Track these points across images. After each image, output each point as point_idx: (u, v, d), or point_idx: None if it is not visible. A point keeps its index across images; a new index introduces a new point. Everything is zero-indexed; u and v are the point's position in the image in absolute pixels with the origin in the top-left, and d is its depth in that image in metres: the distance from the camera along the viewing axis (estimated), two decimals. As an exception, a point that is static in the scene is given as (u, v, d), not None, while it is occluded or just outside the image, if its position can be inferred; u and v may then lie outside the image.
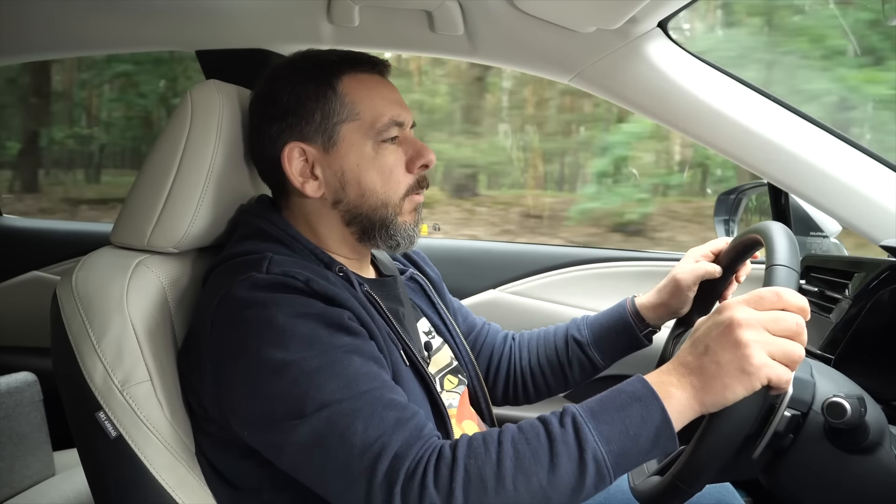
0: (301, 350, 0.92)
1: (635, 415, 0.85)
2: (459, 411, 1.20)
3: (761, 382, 0.83)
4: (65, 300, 1.06)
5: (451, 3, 1.35)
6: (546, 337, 1.42)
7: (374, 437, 0.87)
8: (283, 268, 0.99)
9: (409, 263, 1.36)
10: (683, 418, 0.86)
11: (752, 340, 0.83)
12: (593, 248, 2.02)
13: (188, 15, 1.48)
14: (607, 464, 0.84)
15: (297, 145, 1.11)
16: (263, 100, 1.14)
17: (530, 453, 0.85)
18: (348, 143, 1.11)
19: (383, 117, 1.11)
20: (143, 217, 1.11)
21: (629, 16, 1.25)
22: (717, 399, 0.85)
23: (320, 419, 0.89)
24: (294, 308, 0.95)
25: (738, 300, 0.88)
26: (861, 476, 0.93)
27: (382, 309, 1.09)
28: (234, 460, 1.04)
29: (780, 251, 0.98)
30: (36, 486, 1.64)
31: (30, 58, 1.82)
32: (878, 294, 1.19)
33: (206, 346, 0.99)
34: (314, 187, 1.12)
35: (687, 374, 0.87)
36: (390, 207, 1.12)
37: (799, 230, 1.73)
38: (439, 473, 0.84)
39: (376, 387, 0.92)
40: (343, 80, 1.11)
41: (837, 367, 1.06)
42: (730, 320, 0.85)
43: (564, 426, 0.86)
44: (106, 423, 1.01)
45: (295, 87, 1.11)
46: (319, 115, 1.10)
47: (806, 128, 1.34)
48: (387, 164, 1.12)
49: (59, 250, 2.18)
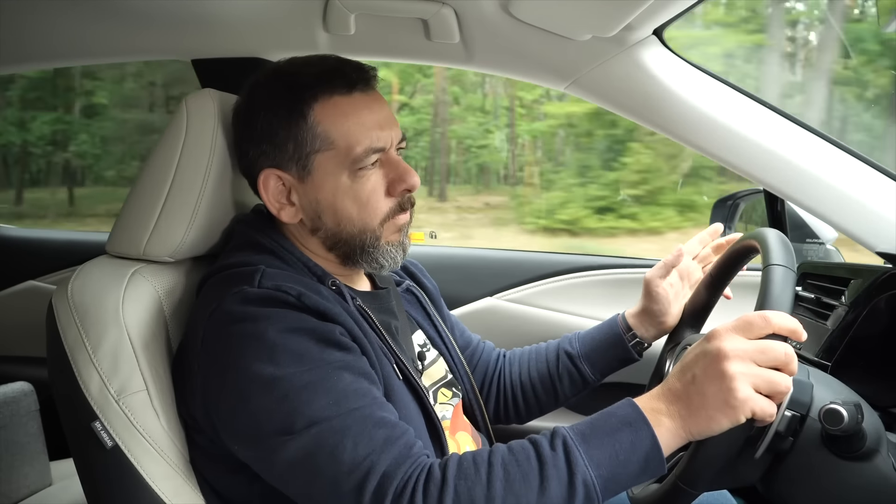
0: (291, 365, 0.91)
1: (625, 440, 0.86)
2: (453, 423, 1.20)
3: (745, 416, 0.83)
4: (60, 310, 1.06)
5: (447, 11, 1.35)
6: (538, 351, 1.42)
7: (362, 455, 0.87)
8: (274, 282, 0.99)
9: (405, 275, 1.35)
10: (672, 445, 0.87)
11: (738, 373, 0.83)
12: (591, 256, 2.01)
13: (184, 24, 1.48)
14: (596, 488, 0.84)
15: (272, 172, 1.08)
16: (242, 119, 1.12)
17: (520, 475, 0.85)
18: (323, 172, 1.07)
19: (359, 146, 1.05)
20: (139, 226, 1.11)
21: (624, 23, 1.25)
22: (703, 429, 0.85)
23: (309, 436, 0.88)
24: (285, 323, 0.94)
25: (727, 327, 0.88)
26: (858, 483, 0.93)
27: (375, 323, 1.08)
28: (224, 473, 1.04)
29: (775, 252, 0.98)
30: (32, 496, 1.63)
31: (25, 68, 1.82)
32: (874, 301, 1.19)
33: (197, 359, 0.99)
34: (290, 214, 1.10)
35: (675, 401, 0.87)
36: (369, 233, 1.09)
37: (795, 237, 1.73)
38: (428, 494, 0.84)
39: (366, 404, 0.92)
40: (315, 109, 1.06)
41: (834, 374, 1.06)
42: (717, 351, 0.85)
43: (555, 449, 0.86)
44: (102, 432, 1.00)
45: (268, 114, 1.07)
46: (292, 145, 1.06)
47: (802, 135, 1.34)
48: (363, 192, 1.07)
49: (55, 260, 2.17)
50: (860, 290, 1.25)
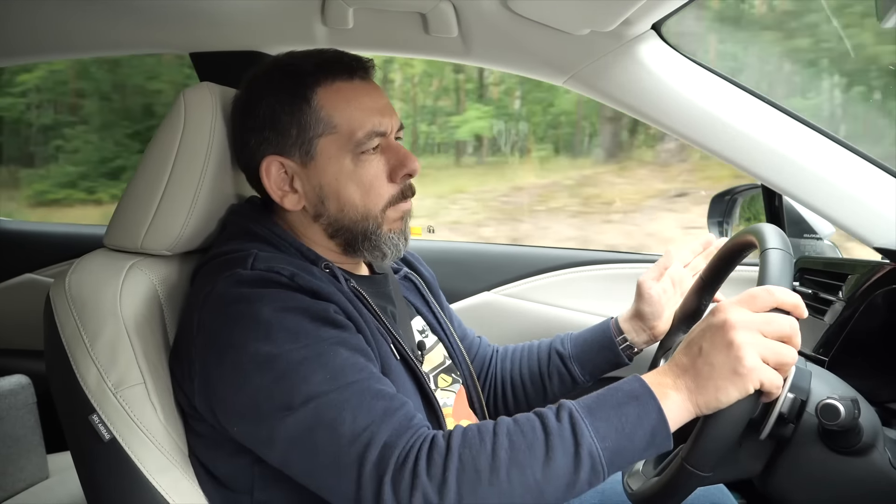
0: (287, 343, 0.92)
1: (632, 413, 0.85)
2: (456, 411, 1.20)
3: (753, 385, 0.83)
4: (58, 303, 1.06)
5: (445, 5, 1.35)
6: (530, 349, 1.42)
7: (362, 426, 0.87)
8: (267, 264, 1.00)
9: (402, 264, 1.36)
10: (679, 419, 0.87)
11: (745, 342, 0.83)
12: (588, 251, 2.01)
13: (182, 17, 1.48)
14: (602, 460, 0.84)
15: (275, 159, 1.09)
16: (242, 109, 1.13)
17: (525, 446, 0.84)
18: (326, 156, 1.08)
19: (361, 129, 1.08)
20: (137, 219, 1.11)
21: (623, 18, 1.25)
22: (710, 401, 0.85)
23: (307, 411, 0.88)
24: (279, 302, 0.95)
25: (732, 301, 0.88)
26: (855, 478, 0.93)
27: (370, 304, 1.08)
28: (225, 460, 1.04)
29: (771, 237, 0.98)
30: (30, 488, 1.63)
31: (20, 60, 1.82)
32: (871, 296, 1.19)
33: (193, 343, 0.99)
34: (293, 201, 1.11)
35: (681, 374, 0.87)
36: (371, 220, 1.11)
37: (793, 232, 1.73)
38: (432, 462, 0.84)
39: (364, 377, 0.92)
40: (318, 93, 1.08)
41: (831, 369, 1.06)
42: (723, 322, 0.86)
43: (561, 420, 0.86)
44: (99, 425, 1.00)
45: (270, 100, 1.09)
46: (295, 129, 1.08)
47: (800, 130, 1.34)
48: (366, 176, 1.09)
49: (53, 253, 2.17)
50: (858, 285, 1.25)
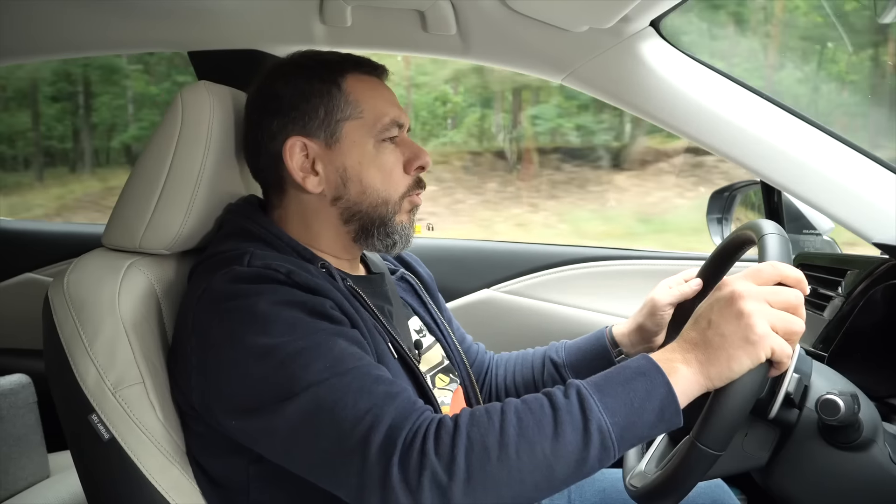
0: (285, 335, 0.92)
1: (640, 388, 0.85)
2: (453, 410, 1.20)
3: (765, 353, 0.84)
4: (56, 303, 1.06)
5: (444, 2, 1.35)
6: (524, 357, 1.42)
7: (364, 409, 0.86)
8: (264, 261, 1.00)
9: (399, 264, 1.36)
10: (689, 393, 0.86)
11: (754, 311, 0.84)
12: (587, 247, 2.01)
13: (180, 16, 1.48)
14: (612, 436, 0.83)
15: (298, 140, 1.11)
16: (265, 95, 1.15)
17: (534, 422, 0.84)
18: (350, 140, 1.12)
19: (385, 117, 1.13)
20: (135, 219, 1.11)
21: (621, 15, 1.25)
22: (723, 371, 0.85)
23: (308, 398, 0.88)
24: (276, 297, 0.95)
25: (737, 275, 0.89)
26: (854, 473, 0.94)
27: (367, 303, 1.09)
28: (222, 459, 1.03)
29: (767, 226, 0.98)
30: (30, 487, 1.63)
31: (18, 60, 1.81)
32: (871, 292, 1.19)
33: (190, 340, 0.99)
34: (314, 183, 1.12)
35: (691, 349, 0.87)
36: (390, 205, 1.13)
37: (792, 228, 1.73)
38: (440, 441, 0.83)
39: (363, 364, 0.92)
40: (347, 79, 1.13)
41: (831, 365, 1.06)
42: (731, 293, 0.86)
43: (569, 397, 0.86)
44: (99, 425, 1.00)
45: (299, 83, 1.12)
46: (323, 111, 1.11)
47: (798, 125, 1.34)
48: (387, 162, 1.13)
49: (52, 252, 2.17)
50: (857, 280, 1.25)
